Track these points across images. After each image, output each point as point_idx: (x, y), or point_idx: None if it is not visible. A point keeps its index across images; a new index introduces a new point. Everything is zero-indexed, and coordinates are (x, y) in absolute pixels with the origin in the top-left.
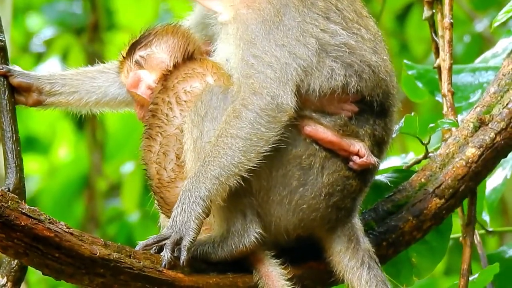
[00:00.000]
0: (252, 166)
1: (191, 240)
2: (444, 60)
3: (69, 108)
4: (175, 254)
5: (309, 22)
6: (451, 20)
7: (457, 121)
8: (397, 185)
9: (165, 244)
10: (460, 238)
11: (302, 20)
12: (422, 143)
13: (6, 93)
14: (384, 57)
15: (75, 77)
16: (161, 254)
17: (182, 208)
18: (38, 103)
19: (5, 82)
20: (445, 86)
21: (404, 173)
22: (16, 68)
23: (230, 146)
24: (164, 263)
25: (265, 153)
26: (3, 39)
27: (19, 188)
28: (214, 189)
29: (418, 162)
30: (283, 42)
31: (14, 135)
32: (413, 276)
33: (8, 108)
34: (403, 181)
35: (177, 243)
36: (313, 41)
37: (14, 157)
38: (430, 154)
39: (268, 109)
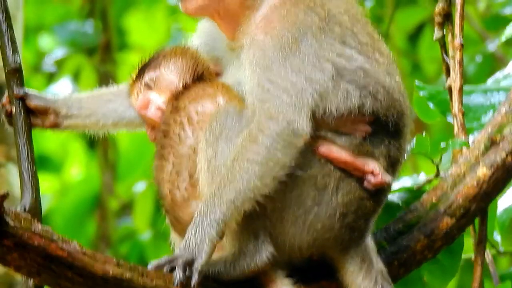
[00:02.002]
0: (267, 191)
1: (203, 263)
2: (454, 80)
3: (87, 130)
4: (187, 274)
5: (326, 48)
6: (462, 41)
7: (468, 141)
8: (408, 205)
9: (176, 264)
10: (472, 257)
11: (319, 46)
12: (434, 163)
13: (22, 114)
14: (397, 78)
15: (90, 100)
16: (173, 273)
17: (196, 231)
18: (55, 126)
19: (20, 104)
20: (455, 106)
21: (415, 193)
22: (32, 91)
23: (246, 171)
24: (176, 282)
25: (281, 179)
26: (19, 60)
27: (35, 208)
28: (229, 213)
29: (429, 182)
30: (300, 68)
31: (30, 155)
32: None
33: (23, 129)
34: (414, 201)
35: (189, 263)
36: (329, 66)
37: (30, 177)
38: (441, 174)
39: (284, 134)
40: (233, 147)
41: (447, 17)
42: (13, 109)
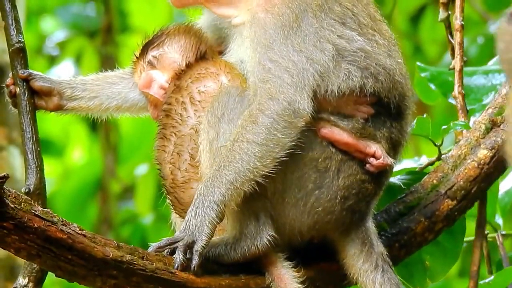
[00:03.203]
0: (267, 172)
1: (203, 245)
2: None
3: (90, 113)
4: (187, 256)
5: (326, 28)
6: (462, 22)
7: (468, 123)
8: (409, 187)
9: (177, 246)
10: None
11: (319, 26)
12: (435, 145)
13: (26, 94)
14: (399, 60)
15: (95, 82)
16: (174, 256)
17: (196, 212)
18: (58, 108)
19: (25, 85)
20: (456, 88)
21: (417, 175)
22: (36, 72)
23: (246, 152)
24: (176, 265)
25: (281, 159)
26: (22, 40)
27: (40, 189)
28: (228, 194)
29: (431, 163)
30: (301, 48)
31: (34, 136)
32: (427, 278)
33: (27, 109)
34: (416, 183)
35: (190, 246)
36: (330, 47)
37: (35, 157)
38: (442, 156)
39: (285, 115)
40: (234, 129)
41: None
42: (18, 90)
